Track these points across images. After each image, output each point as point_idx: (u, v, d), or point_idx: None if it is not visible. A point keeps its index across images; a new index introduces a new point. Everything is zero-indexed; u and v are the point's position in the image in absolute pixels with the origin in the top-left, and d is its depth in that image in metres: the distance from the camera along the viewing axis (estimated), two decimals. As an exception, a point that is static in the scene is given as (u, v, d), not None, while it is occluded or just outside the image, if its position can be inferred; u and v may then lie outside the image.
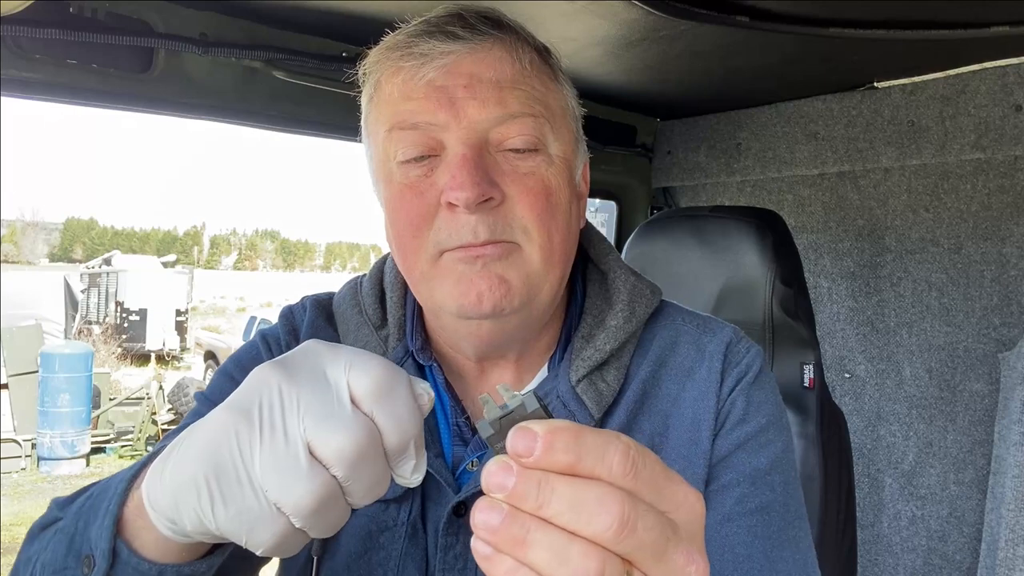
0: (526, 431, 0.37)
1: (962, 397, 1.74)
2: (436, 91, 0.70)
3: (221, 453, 0.46)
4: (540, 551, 0.36)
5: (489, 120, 0.70)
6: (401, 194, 0.73)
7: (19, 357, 9.26)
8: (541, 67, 0.76)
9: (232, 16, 1.28)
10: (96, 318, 16.38)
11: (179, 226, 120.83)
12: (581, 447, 0.37)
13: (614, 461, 0.37)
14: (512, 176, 0.71)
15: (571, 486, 0.36)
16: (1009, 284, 1.66)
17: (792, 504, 0.77)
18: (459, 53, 0.71)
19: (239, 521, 0.46)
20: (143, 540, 0.56)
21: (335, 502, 0.47)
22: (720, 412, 0.78)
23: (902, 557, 1.83)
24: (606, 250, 0.87)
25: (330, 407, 0.46)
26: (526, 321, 0.76)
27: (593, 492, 0.36)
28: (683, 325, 0.84)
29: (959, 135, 1.61)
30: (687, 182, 2.16)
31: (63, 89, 1.16)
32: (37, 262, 78.56)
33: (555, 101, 0.76)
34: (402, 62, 0.72)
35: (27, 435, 8.74)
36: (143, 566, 0.55)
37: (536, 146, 0.72)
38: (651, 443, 0.77)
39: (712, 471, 0.76)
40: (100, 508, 0.59)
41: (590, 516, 0.36)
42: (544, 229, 0.72)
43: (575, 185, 0.80)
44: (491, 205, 0.70)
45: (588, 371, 0.77)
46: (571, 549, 0.36)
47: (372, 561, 0.77)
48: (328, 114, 1.44)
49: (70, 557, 0.59)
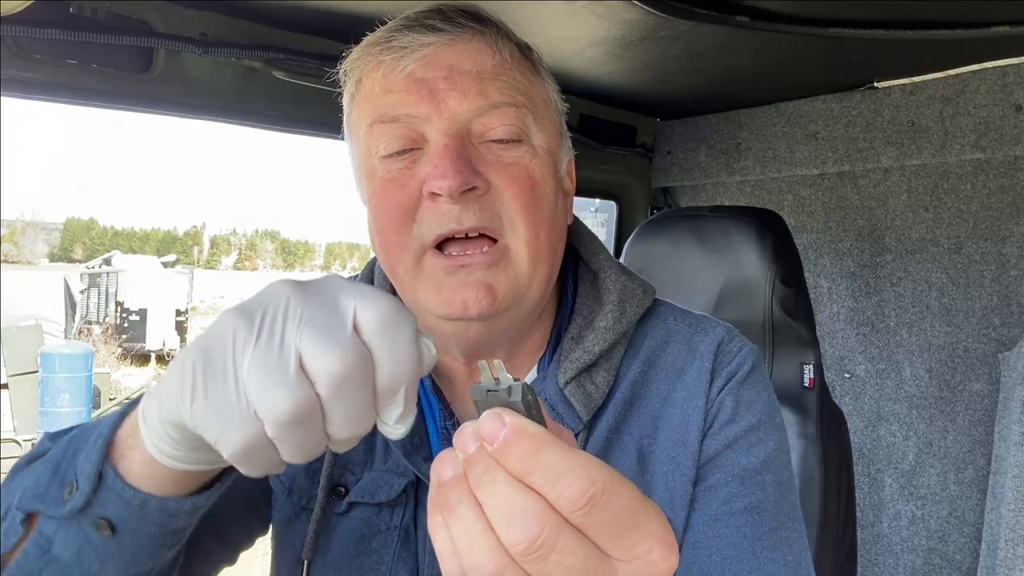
0: (496, 420, 0.37)
1: (962, 397, 1.74)
2: (416, 83, 0.70)
3: (213, 346, 0.45)
4: (458, 525, 0.37)
5: (471, 111, 0.70)
6: (383, 188, 0.72)
7: (19, 357, 9.25)
8: (521, 60, 0.76)
9: (232, 16, 1.28)
10: (96, 318, 16.38)
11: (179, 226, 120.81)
12: (534, 462, 0.36)
13: (566, 491, 0.36)
14: (496, 166, 0.71)
15: (510, 488, 0.36)
16: (1009, 284, 1.66)
17: (785, 505, 0.75)
18: (438, 45, 0.71)
19: (214, 416, 0.45)
20: (130, 463, 0.54)
21: (312, 421, 0.45)
22: (709, 412, 0.77)
23: (902, 557, 1.83)
24: (596, 249, 0.86)
25: (330, 326, 0.45)
26: (515, 320, 0.75)
27: (523, 503, 0.36)
28: (675, 325, 0.83)
29: (959, 135, 1.61)
30: (687, 182, 2.16)
31: (63, 89, 1.16)
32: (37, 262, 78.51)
33: (537, 93, 0.76)
34: (382, 56, 0.72)
35: (27, 435, 8.73)
36: (127, 492, 0.54)
37: (519, 136, 0.72)
38: (639, 446, 0.76)
39: (700, 471, 0.75)
40: (91, 434, 0.57)
41: (508, 523, 0.36)
42: (530, 221, 0.71)
43: (560, 179, 0.79)
44: (476, 194, 0.69)
45: (576, 373, 0.76)
46: (480, 541, 0.36)
47: (364, 565, 0.76)
48: (328, 114, 1.43)
49: (53, 483, 0.57)
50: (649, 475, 0.75)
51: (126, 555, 0.57)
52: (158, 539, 0.58)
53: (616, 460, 0.75)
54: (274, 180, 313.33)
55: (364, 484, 0.78)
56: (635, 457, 0.75)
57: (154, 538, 0.57)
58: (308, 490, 0.80)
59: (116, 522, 0.55)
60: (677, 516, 0.73)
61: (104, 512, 0.55)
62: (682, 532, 0.74)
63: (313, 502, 0.79)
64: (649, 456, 0.76)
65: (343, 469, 0.80)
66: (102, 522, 0.55)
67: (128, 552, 0.57)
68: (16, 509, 0.58)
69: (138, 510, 0.55)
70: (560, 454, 0.37)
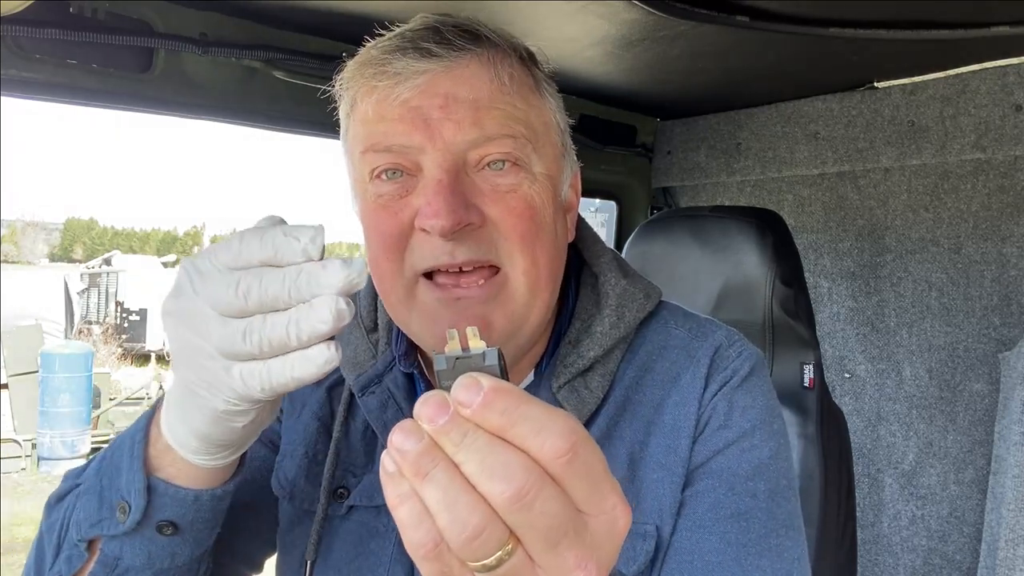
0: (473, 382, 0.38)
1: (962, 397, 1.74)
2: (411, 112, 0.68)
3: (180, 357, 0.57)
4: (434, 489, 0.37)
5: (465, 142, 0.68)
6: (375, 212, 0.71)
7: (19, 357, 9.25)
8: (522, 80, 0.72)
9: (232, 16, 1.28)
10: (96, 318, 16.37)
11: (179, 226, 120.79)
12: (517, 415, 0.37)
13: (548, 440, 0.37)
14: (492, 196, 0.69)
15: (490, 444, 0.37)
16: (1009, 284, 1.66)
17: (779, 513, 0.73)
18: (434, 72, 0.68)
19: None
20: (173, 471, 0.63)
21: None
22: (701, 417, 0.75)
23: (902, 557, 1.83)
24: (599, 252, 0.84)
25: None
26: (513, 347, 0.75)
27: (505, 456, 0.37)
28: (675, 329, 0.82)
29: (959, 135, 1.61)
30: (687, 182, 2.16)
31: (63, 89, 1.16)
32: (37, 262, 78.55)
33: (537, 118, 0.73)
34: (376, 80, 0.69)
35: (27, 435, 8.73)
36: (180, 493, 0.63)
37: (517, 162, 0.70)
38: (631, 451, 0.75)
39: (689, 476, 0.74)
40: (122, 459, 0.65)
41: (491, 476, 0.36)
42: (528, 252, 0.70)
43: (560, 201, 0.77)
44: (470, 229, 0.68)
45: (571, 377, 0.75)
46: (461, 498, 0.37)
47: (363, 567, 0.77)
48: (328, 114, 1.43)
49: (104, 509, 0.65)
50: (639, 482, 0.74)
51: (189, 543, 0.67)
52: (211, 522, 0.68)
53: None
54: (274, 180, 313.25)
55: (364, 487, 0.79)
56: (625, 463, 0.74)
57: (209, 522, 0.67)
58: (309, 494, 0.80)
59: (177, 520, 0.64)
60: (666, 523, 0.72)
61: (164, 516, 0.64)
62: (670, 538, 0.73)
63: (315, 505, 0.79)
64: (640, 462, 0.74)
65: (345, 471, 0.80)
66: (165, 524, 0.64)
67: (191, 540, 0.67)
68: (77, 541, 0.66)
69: (193, 504, 0.64)
70: (542, 406, 0.38)
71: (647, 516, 0.72)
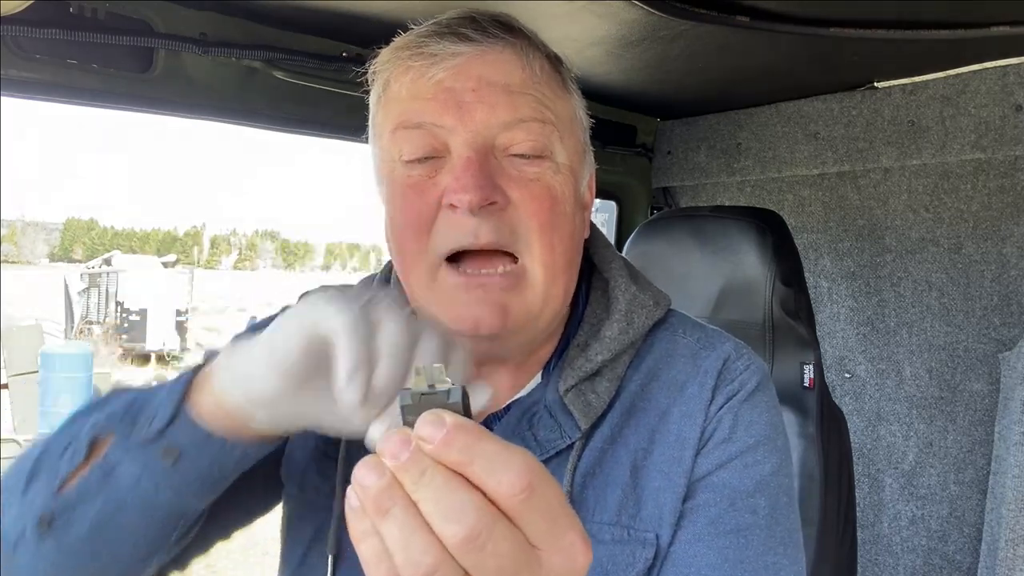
0: (438, 420, 0.38)
1: (962, 397, 1.74)
2: (444, 92, 0.70)
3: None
4: (392, 527, 0.38)
5: (496, 124, 0.70)
6: (403, 193, 0.72)
7: (19, 357, 9.25)
8: (551, 74, 0.75)
9: (232, 16, 1.28)
10: (96, 318, 16.37)
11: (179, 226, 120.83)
12: (475, 451, 0.38)
13: (505, 478, 0.37)
14: (517, 181, 0.71)
15: (446, 483, 0.38)
16: (1009, 284, 1.66)
17: (778, 530, 0.73)
18: (469, 55, 0.70)
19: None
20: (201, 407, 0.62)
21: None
22: (705, 430, 0.75)
23: (902, 557, 1.83)
24: (609, 257, 0.85)
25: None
26: (527, 338, 0.75)
27: (459, 496, 0.37)
28: (683, 338, 0.82)
29: (959, 135, 1.61)
30: (687, 182, 2.16)
31: (63, 89, 1.16)
32: (37, 262, 78.54)
33: (564, 109, 0.76)
34: (411, 61, 0.72)
35: (27, 435, 8.72)
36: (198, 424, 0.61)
37: (543, 152, 0.72)
38: (634, 458, 0.75)
39: (690, 488, 0.73)
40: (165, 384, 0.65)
41: (445, 517, 0.37)
42: (547, 240, 0.71)
43: (580, 195, 0.79)
44: (495, 208, 0.69)
45: (577, 381, 0.75)
46: (415, 538, 0.37)
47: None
48: (328, 114, 1.43)
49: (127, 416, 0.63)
50: (640, 489, 0.73)
51: (175, 486, 0.63)
52: (206, 477, 0.64)
53: (609, 471, 0.74)
54: (274, 180, 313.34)
55: None
56: (628, 470, 0.74)
57: (202, 474, 0.63)
58: (319, 485, 0.80)
59: (182, 450, 0.62)
60: (665, 532, 0.72)
61: (174, 440, 0.61)
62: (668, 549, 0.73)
63: (323, 498, 0.79)
64: (642, 470, 0.74)
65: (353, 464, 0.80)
66: (172, 449, 0.61)
67: (178, 482, 0.63)
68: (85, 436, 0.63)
69: (203, 441, 0.62)
70: (500, 444, 0.38)
71: (647, 524, 0.72)
